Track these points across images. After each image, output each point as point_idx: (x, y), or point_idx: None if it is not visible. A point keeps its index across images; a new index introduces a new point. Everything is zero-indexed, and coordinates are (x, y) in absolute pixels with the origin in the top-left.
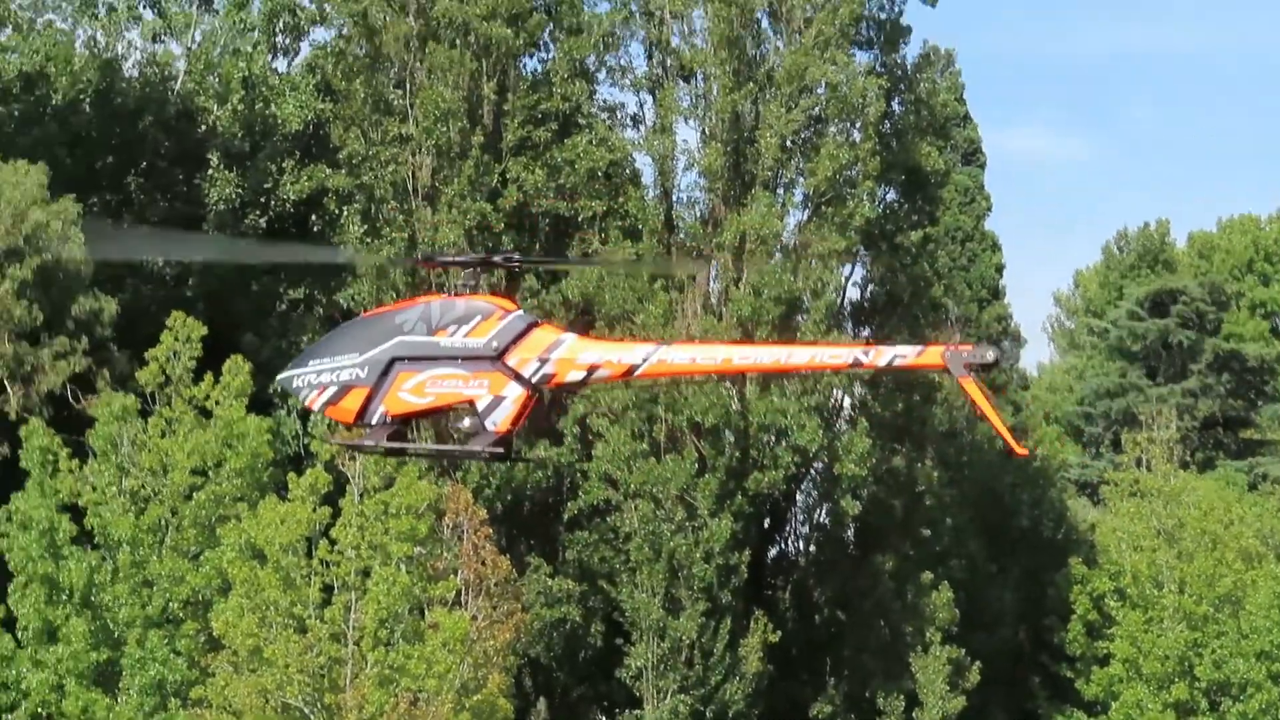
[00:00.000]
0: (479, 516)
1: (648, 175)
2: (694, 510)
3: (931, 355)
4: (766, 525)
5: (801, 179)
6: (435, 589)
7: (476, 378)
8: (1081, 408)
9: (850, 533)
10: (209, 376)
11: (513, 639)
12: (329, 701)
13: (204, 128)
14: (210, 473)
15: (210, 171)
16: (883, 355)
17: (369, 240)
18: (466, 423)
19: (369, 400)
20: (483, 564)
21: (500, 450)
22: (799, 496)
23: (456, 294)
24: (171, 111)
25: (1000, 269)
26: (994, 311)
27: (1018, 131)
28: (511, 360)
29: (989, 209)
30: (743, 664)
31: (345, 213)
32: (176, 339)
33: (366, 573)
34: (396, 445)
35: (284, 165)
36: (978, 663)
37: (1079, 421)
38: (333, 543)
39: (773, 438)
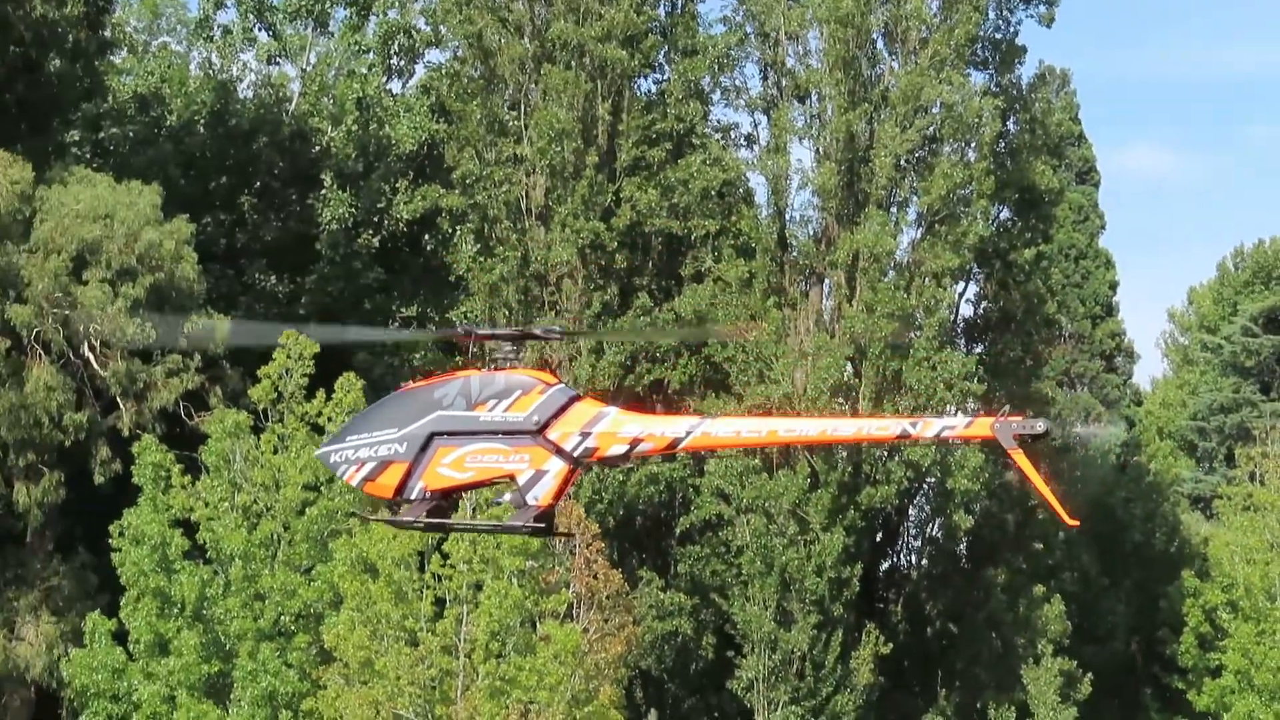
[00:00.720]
0: (591, 530)
1: (760, 195)
2: (806, 524)
3: (981, 426)
4: (879, 539)
5: (915, 197)
6: (547, 602)
7: (517, 452)
8: (1195, 422)
9: (962, 546)
10: (321, 393)
11: (624, 651)
12: (440, 713)
13: (318, 148)
14: (322, 488)
15: (324, 191)
16: (931, 427)
17: (482, 259)
18: (507, 497)
19: (408, 475)
20: (594, 577)
21: (542, 525)
22: (911, 511)
23: (496, 368)
24: (286, 132)
25: (1114, 286)
26: (1107, 328)
27: (1133, 150)
28: (553, 434)
29: (1103, 227)
30: (854, 675)
31: (458, 232)
32: (289, 356)
33: (478, 586)
34: (436, 521)
35: (397, 185)
36: (1089, 674)
37: (1192, 436)
38: (445, 557)
39: (885, 453)
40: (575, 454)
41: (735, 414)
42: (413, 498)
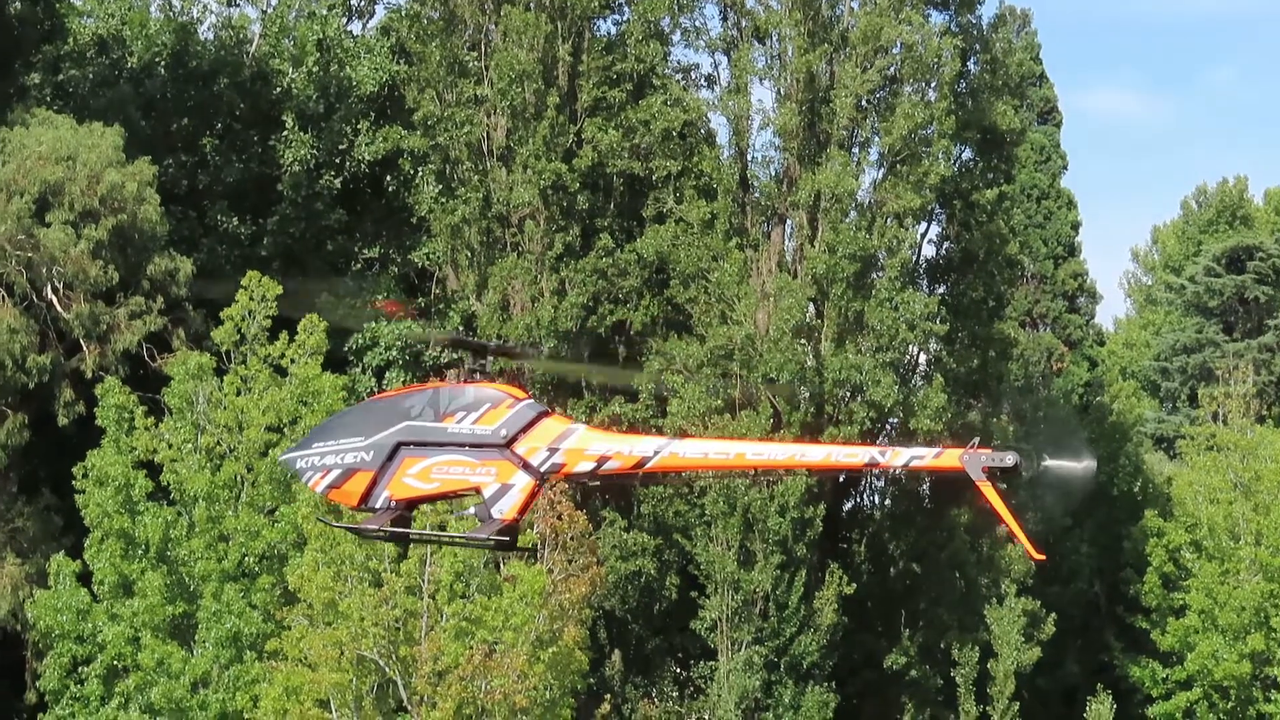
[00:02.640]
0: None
1: (722, 136)
2: None
3: (949, 458)
4: (842, 479)
5: (877, 138)
6: None
7: (484, 465)
8: (1158, 363)
9: (925, 486)
10: (284, 335)
11: (588, 592)
12: (404, 654)
13: (279, 90)
14: (285, 430)
15: (285, 133)
16: (899, 456)
17: (444, 200)
18: (472, 510)
19: (373, 484)
20: (559, 519)
21: (506, 539)
22: None
23: (466, 380)
24: (246, 74)
25: (1076, 226)
26: (1069, 268)
27: (1095, 91)
28: (520, 449)
29: (1065, 167)
30: (817, 616)
31: (420, 173)
32: (251, 298)
33: (443, 527)
34: (399, 530)
35: (359, 127)
36: (1053, 615)
37: (1155, 377)
38: None
39: (848, 393)
40: (542, 469)
41: (703, 437)
42: (377, 506)
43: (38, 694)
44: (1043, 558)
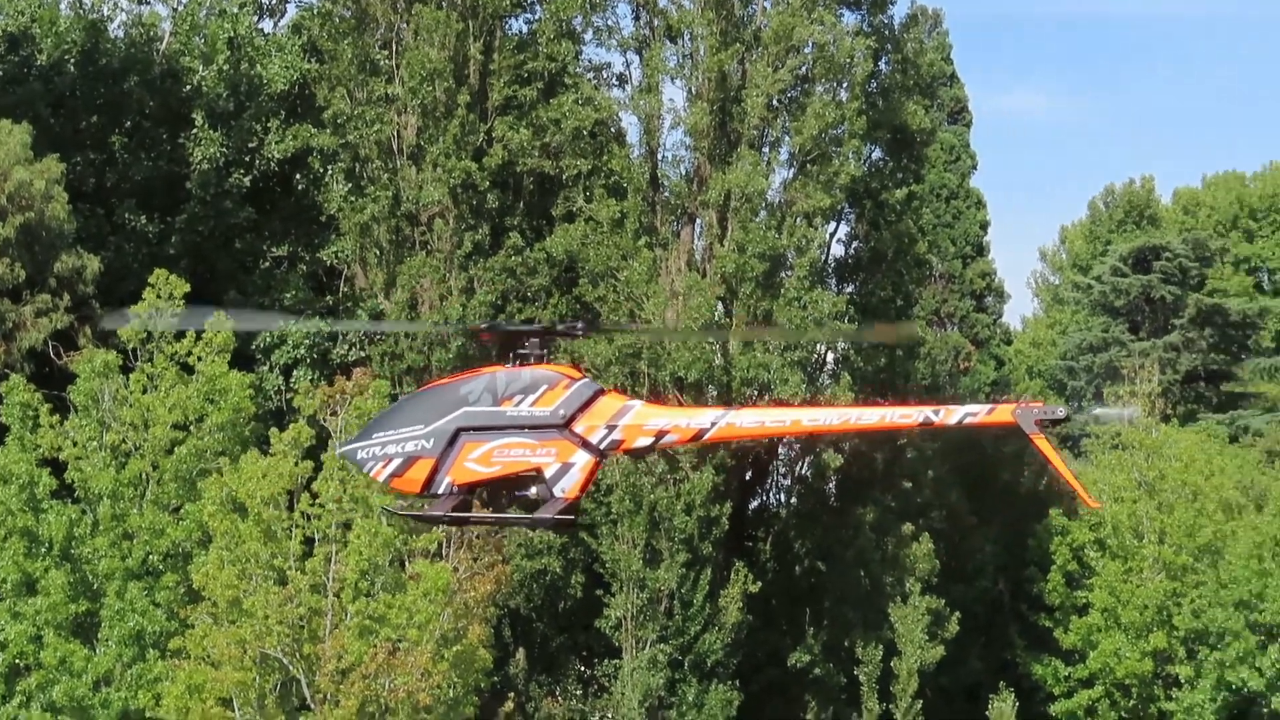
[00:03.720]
0: None
1: (633, 135)
2: (675, 463)
3: (1002, 413)
4: (748, 478)
5: (787, 137)
6: (417, 541)
7: (544, 446)
8: (1064, 362)
9: (832, 485)
10: (191, 333)
11: (493, 590)
12: (308, 652)
13: (189, 88)
14: (192, 428)
15: (195, 131)
16: (953, 414)
17: (353, 199)
18: (534, 490)
19: (435, 471)
20: None
21: (569, 517)
22: (781, 450)
23: (521, 364)
24: (156, 72)
25: (985, 226)
26: (978, 268)
27: (1005, 92)
28: (579, 428)
29: (974, 167)
30: (722, 614)
31: (329, 172)
32: (159, 296)
33: (348, 525)
34: (463, 515)
35: (268, 125)
36: (957, 613)
37: (1062, 375)
38: (314, 496)
39: (756, 392)
40: (601, 446)
41: (758, 406)
42: (440, 492)
43: None
44: (1099, 505)
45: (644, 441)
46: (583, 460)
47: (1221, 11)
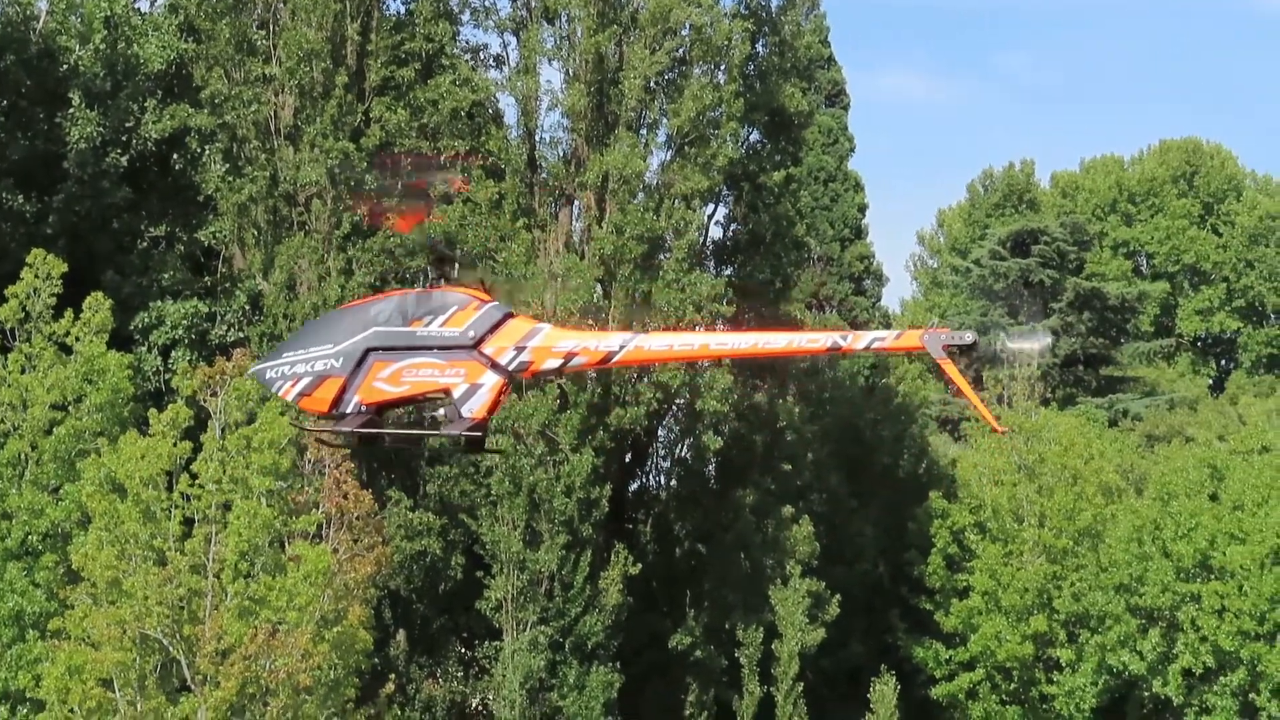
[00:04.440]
0: (341, 451)
1: (510, 116)
2: (555, 445)
3: (910, 338)
4: (628, 460)
5: (665, 119)
6: (297, 523)
7: (453, 366)
8: None
9: (711, 467)
10: (69, 313)
11: (374, 572)
12: (188, 633)
13: (65, 67)
14: (70, 408)
15: (72, 111)
16: (861, 339)
17: (231, 179)
18: (442, 411)
19: (343, 390)
20: (344, 498)
21: (477, 435)
22: (661, 432)
23: (431, 286)
24: (33, 51)
25: (863, 209)
26: (856, 251)
27: (883, 75)
28: (488, 349)
29: (852, 150)
30: (602, 596)
31: (207, 152)
32: (36, 276)
33: (228, 506)
34: (371, 431)
35: (146, 105)
36: (837, 596)
37: None
38: (194, 477)
39: (635, 374)
40: (510, 368)
41: (668, 329)
42: (348, 411)
43: None
44: (1005, 430)
45: (552, 363)
46: (491, 381)
47: None
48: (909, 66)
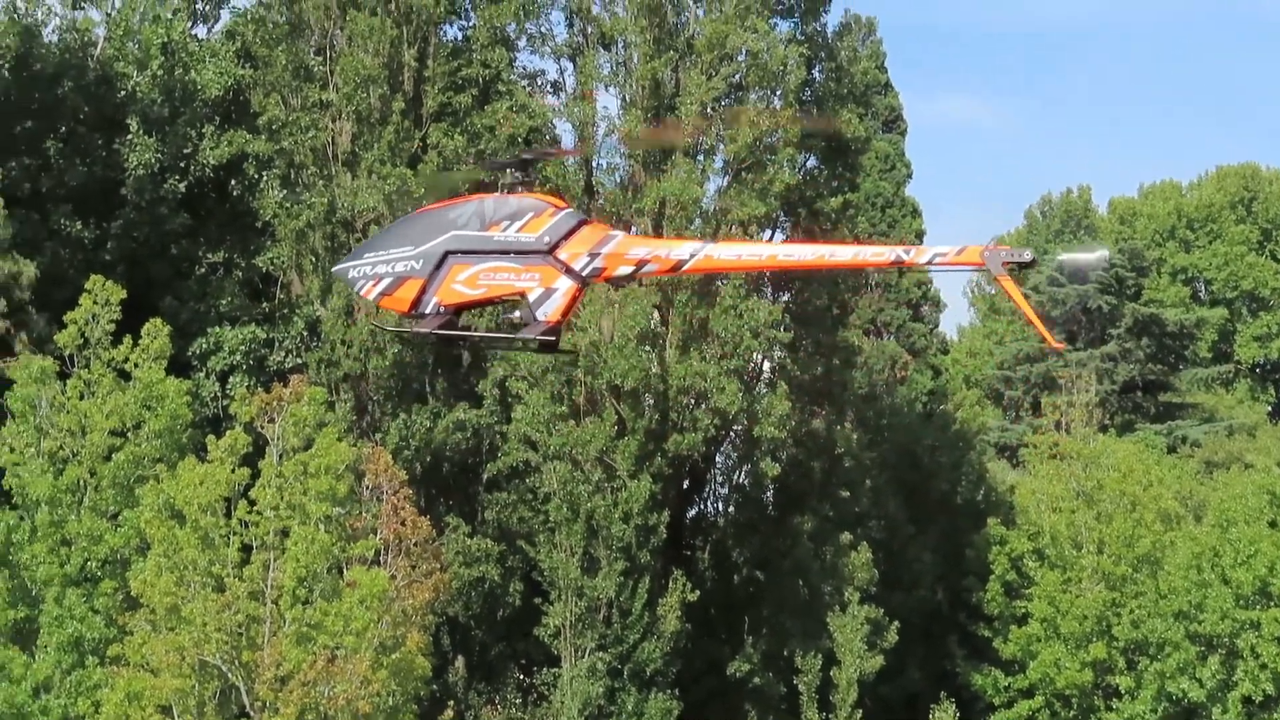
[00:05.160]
0: (398, 477)
1: (567, 142)
2: (613, 472)
3: (971, 253)
4: (686, 486)
5: (721, 145)
6: (354, 548)
7: (529, 271)
8: (1001, 372)
9: (769, 494)
10: (128, 339)
11: (431, 598)
12: (246, 659)
13: (123, 94)
14: (129, 434)
15: (130, 137)
16: (924, 254)
17: (288, 205)
18: (517, 314)
19: (423, 291)
20: (402, 524)
21: (551, 339)
22: (718, 458)
23: (509, 192)
24: (91, 77)
25: (920, 235)
26: (914, 277)
27: (940, 100)
28: (563, 254)
29: (909, 175)
30: (660, 623)
31: (265, 178)
32: (95, 302)
33: (285, 533)
34: (448, 333)
35: (203, 131)
36: (896, 623)
37: (999, 385)
38: (252, 503)
39: (692, 401)
40: (584, 273)
41: (737, 240)
42: (427, 312)
43: None
44: (1062, 347)
45: (625, 270)
46: (565, 286)
47: (1158, 21)
48: (966, 92)
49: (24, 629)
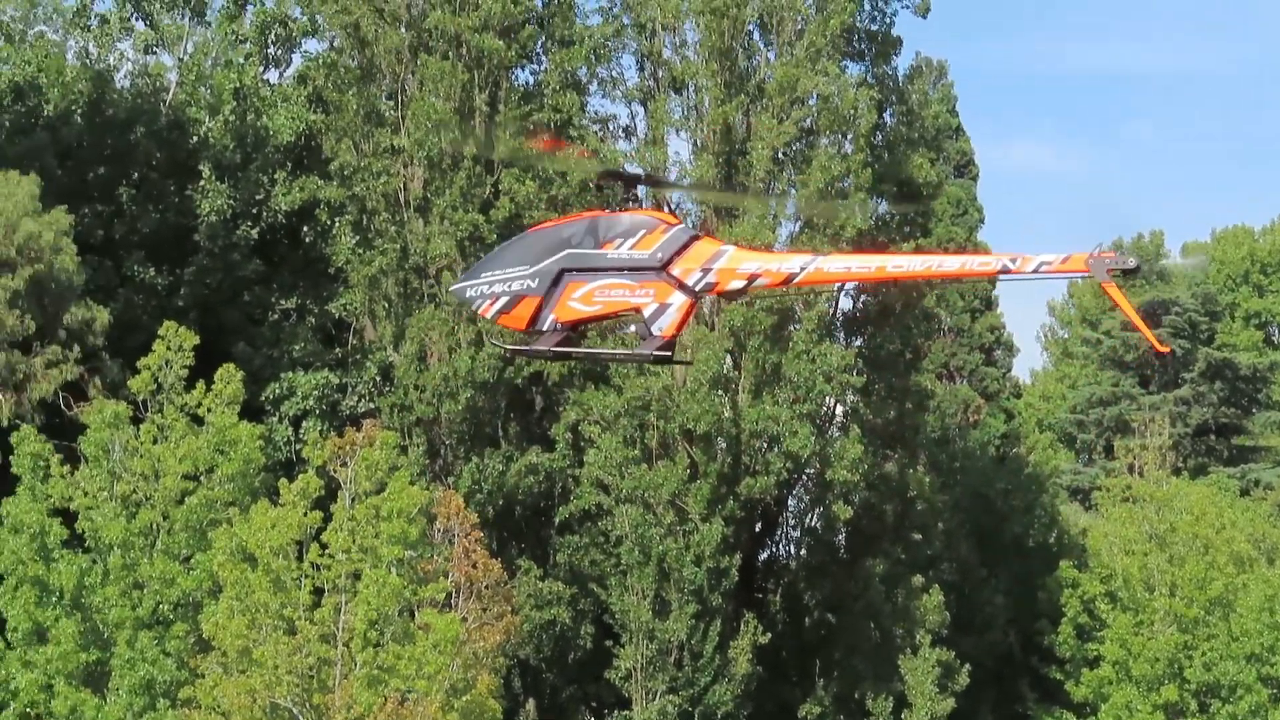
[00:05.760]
0: (470, 520)
1: (639, 187)
2: (685, 515)
3: (1076, 262)
4: (758, 529)
5: (793, 190)
6: (426, 591)
7: (643, 287)
8: (1074, 415)
9: (841, 537)
10: (201, 384)
11: (503, 641)
12: (317, 702)
13: (195, 139)
14: (202, 478)
15: (202, 183)
16: (1029, 263)
17: (361, 251)
18: (633, 329)
19: (540, 309)
20: (474, 567)
21: (666, 354)
22: (791, 501)
23: (621, 209)
24: (163, 123)
25: (993, 280)
26: (986, 321)
27: (1012, 144)
28: (676, 270)
29: (981, 220)
30: (732, 665)
31: (337, 224)
32: (168, 348)
33: (357, 575)
34: (564, 350)
35: (275, 177)
36: (967, 665)
37: (1072, 429)
38: (323, 546)
39: (765, 444)
40: (697, 288)
41: (846, 252)
42: (544, 329)
43: None
44: (1167, 349)
45: (737, 284)
46: (679, 301)
47: (1230, 68)
48: (1037, 136)
49: (96, 672)
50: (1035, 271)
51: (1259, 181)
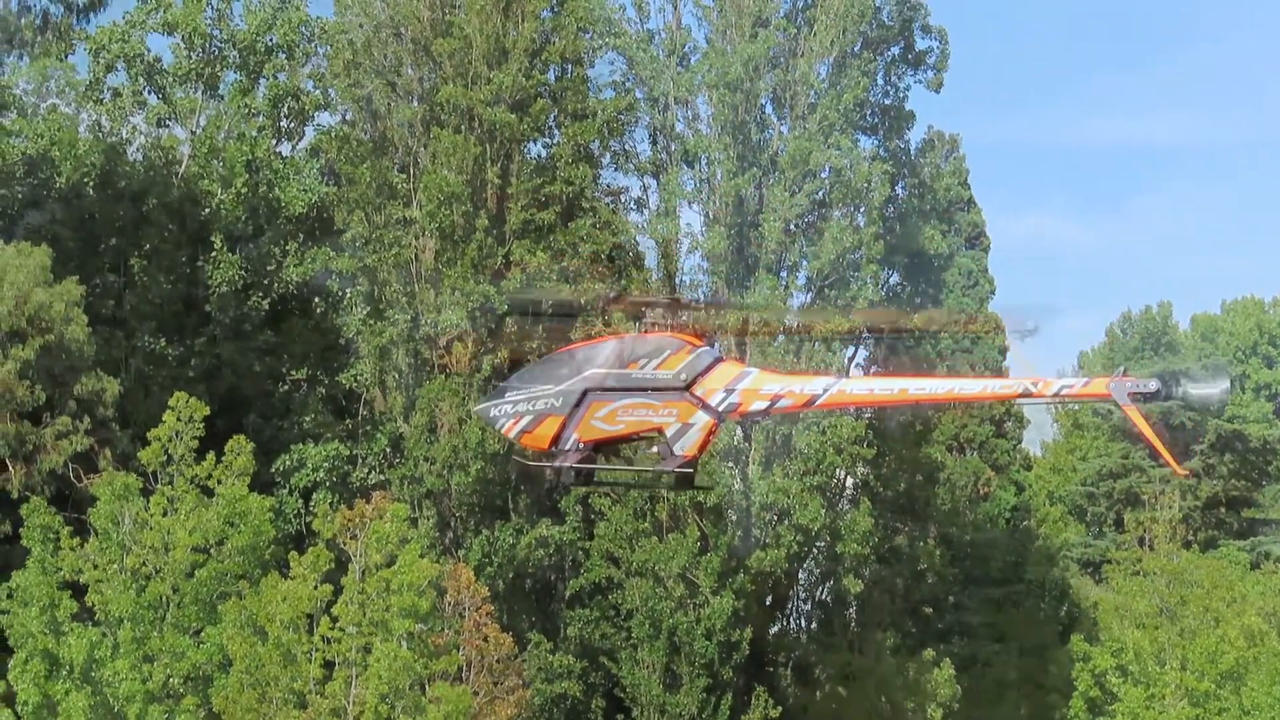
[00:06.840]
0: (480, 594)
1: (651, 259)
2: (695, 588)
3: (1097, 385)
4: (769, 602)
5: (805, 262)
6: (437, 665)
7: (666, 406)
8: (1085, 488)
9: (852, 610)
10: (211, 456)
11: (514, 714)
12: None
13: (207, 211)
14: (212, 551)
15: (213, 254)
16: (1051, 386)
17: (372, 322)
18: (655, 449)
19: (563, 428)
20: (484, 640)
21: (688, 472)
22: (801, 574)
23: (646, 331)
24: (175, 194)
25: (1004, 351)
26: None
27: (1023, 216)
28: (699, 391)
29: (992, 292)
30: None
31: (348, 295)
32: (179, 419)
33: (368, 649)
34: (586, 467)
35: (287, 248)
36: None
37: (1082, 501)
38: (334, 620)
39: (775, 517)
40: (720, 409)
41: (868, 375)
42: (567, 448)
43: None
44: (1186, 473)
45: (759, 405)
46: (702, 421)
47: (1237, 137)
48: (1048, 208)
49: None
50: (1057, 395)
51: (1269, 253)
